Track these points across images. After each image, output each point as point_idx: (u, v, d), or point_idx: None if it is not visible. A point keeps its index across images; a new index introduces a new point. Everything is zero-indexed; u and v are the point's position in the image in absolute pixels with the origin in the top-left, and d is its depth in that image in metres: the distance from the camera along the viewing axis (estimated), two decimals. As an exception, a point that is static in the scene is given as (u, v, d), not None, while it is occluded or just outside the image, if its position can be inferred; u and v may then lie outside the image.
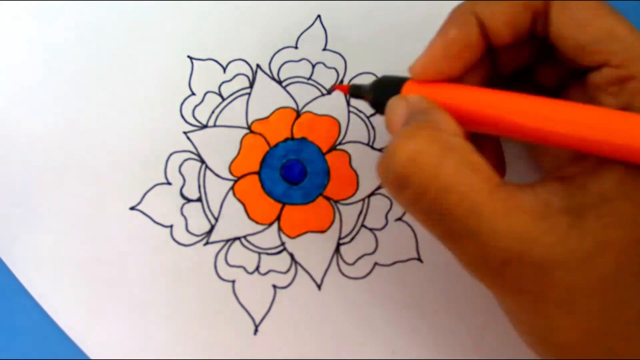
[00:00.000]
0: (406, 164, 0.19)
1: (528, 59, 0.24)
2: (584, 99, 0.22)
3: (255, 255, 0.29)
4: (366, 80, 0.31)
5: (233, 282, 0.29)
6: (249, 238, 0.29)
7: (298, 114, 0.31)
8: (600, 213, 0.19)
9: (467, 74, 0.23)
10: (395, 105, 0.22)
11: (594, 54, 0.21)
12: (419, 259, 0.29)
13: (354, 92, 0.26)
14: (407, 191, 0.19)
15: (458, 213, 0.19)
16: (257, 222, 0.29)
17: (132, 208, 0.30)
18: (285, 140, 0.31)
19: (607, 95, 0.21)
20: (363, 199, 0.30)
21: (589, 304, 0.19)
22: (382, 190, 0.30)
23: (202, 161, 0.30)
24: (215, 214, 0.30)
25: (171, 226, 0.29)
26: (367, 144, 0.31)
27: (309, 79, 0.31)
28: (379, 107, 0.24)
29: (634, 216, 0.19)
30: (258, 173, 0.30)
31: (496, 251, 0.19)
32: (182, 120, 0.31)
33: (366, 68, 0.31)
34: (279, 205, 0.30)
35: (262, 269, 0.29)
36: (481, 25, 0.22)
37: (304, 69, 0.32)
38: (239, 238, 0.29)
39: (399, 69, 0.31)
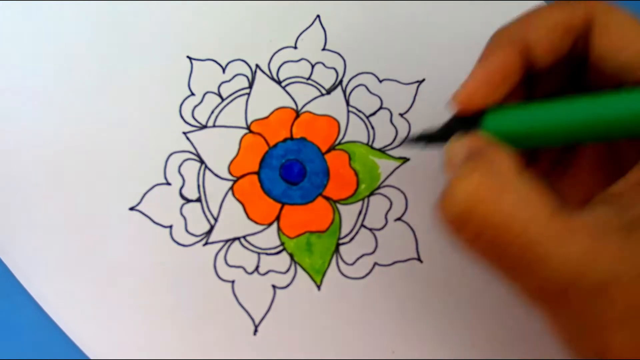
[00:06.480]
0: (468, 199, 0.19)
1: (559, 84, 0.24)
2: None
3: (255, 256, 0.29)
4: (366, 81, 0.31)
5: (232, 282, 0.29)
6: (248, 238, 0.29)
7: (297, 113, 0.31)
8: None
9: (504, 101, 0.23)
10: (455, 145, 0.22)
11: (636, 72, 0.21)
12: (419, 259, 0.29)
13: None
14: (468, 227, 0.20)
15: (519, 243, 0.19)
16: (256, 222, 0.29)
17: (132, 208, 0.30)
18: (285, 140, 0.31)
19: None
20: (362, 199, 0.30)
21: None
22: (381, 190, 0.30)
23: (202, 161, 0.30)
24: (215, 214, 0.30)
25: (171, 226, 0.29)
26: (367, 144, 0.31)
27: (308, 78, 0.31)
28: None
29: None
30: (257, 173, 0.30)
31: (558, 277, 0.19)
32: (181, 121, 0.31)
33: (365, 68, 0.31)
34: (279, 206, 0.30)
35: (262, 269, 0.29)
36: (524, 53, 0.22)
37: (303, 69, 0.32)
38: (238, 238, 0.29)
39: (398, 69, 0.31)
